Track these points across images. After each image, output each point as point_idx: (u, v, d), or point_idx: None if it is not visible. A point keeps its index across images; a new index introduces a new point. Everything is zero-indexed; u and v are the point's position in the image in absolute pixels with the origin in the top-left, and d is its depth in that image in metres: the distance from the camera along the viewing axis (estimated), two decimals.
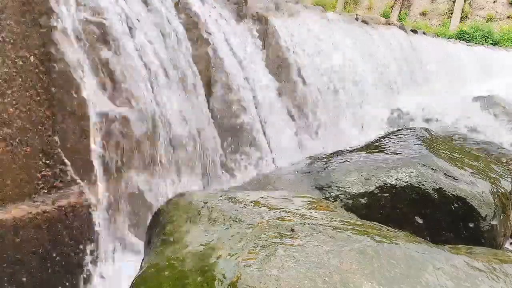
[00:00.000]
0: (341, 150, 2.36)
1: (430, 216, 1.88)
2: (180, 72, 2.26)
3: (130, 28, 2.04)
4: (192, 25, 2.51)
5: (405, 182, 1.92)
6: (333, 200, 1.92)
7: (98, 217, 1.87)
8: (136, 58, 2.02)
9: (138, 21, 2.10)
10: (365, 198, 1.91)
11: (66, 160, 1.82)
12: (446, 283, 1.12)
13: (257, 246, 1.24)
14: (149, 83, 2.06)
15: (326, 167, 2.13)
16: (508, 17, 17.22)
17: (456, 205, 1.86)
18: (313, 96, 3.45)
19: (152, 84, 2.08)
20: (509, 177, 2.14)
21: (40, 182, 1.76)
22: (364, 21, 5.25)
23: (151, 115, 2.03)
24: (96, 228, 1.87)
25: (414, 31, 6.88)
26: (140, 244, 1.91)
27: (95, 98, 1.88)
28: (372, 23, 5.44)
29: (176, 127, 2.16)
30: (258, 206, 1.54)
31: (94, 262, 1.87)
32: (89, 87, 1.86)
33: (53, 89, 1.78)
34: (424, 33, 7.38)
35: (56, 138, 1.79)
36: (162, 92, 2.10)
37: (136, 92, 1.99)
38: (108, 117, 1.92)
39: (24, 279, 1.67)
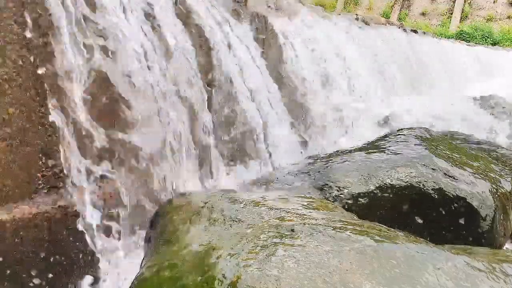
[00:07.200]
0: (341, 150, 2.36)
1: (430, 216, 1.88)
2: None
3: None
4: (191, 24, 2.51)
5: (405, 182, 1.92)
6: (333, 200, 1.92)
7: (99, 217, 1.87)
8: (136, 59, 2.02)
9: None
10: (365, 198, 1.91)
11: (66, 160, 1.82)
12: (446, 283, 1.12)
13: (257, 246, 1.24)
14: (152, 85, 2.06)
15: (326, 167, 2.13)
16: (508, 17, 17.21)
17: (456, 205, 1.86)
18: (313, 96, 3.45)
19: (154, 86, 2.08)
20: (509, 177, 2.14)
21: (40, 182, 1.76)
22: (364, 21, 5.25)
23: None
24: (97, 228, 1.87)
25: (414, 31, 6.88)
26: (141, 244, 1.92)
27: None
28: (372, 23, 5.44)
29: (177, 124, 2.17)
30: (258, 206, 1.54)
31: (95, 262, 1.87)
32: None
33: (53, 89, 1.77)
34: (424, 33, 7.38)
35: (56, 138, 1.79)
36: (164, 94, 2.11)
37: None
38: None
39: (24, 279, 1.67)
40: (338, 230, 1.29)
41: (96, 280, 1.87)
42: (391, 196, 1.92)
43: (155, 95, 2.03)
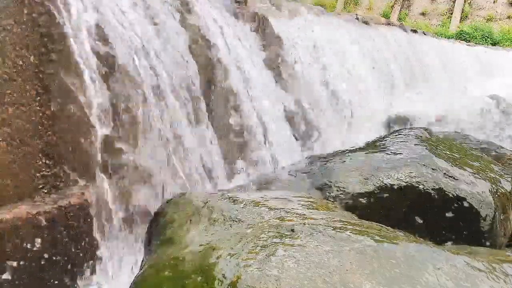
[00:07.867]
0: (341, 150, 2.36)
1: (430, 216, 1.88)
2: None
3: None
4: (192, 25, 2.51)
5: (405, 182, 1.92)
6: (333, 200, 1.92)
7: (98, 217, 1.87)
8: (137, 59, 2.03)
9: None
10: (365, 198, 1.91)
11: (66, 160, 1.82)
12: (446, 283, 1.12)
13: (257, 246, 1.24)
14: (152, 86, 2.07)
15: (326, 167, 2.13)
16: (508, 17, 17.19)
17: (456, 205, 1.86)
18: (313, 96, 3.45)
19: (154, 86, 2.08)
20: (509, 177, 2.14)
21: (40, 182, 1.76)
22: (364, 21, 5.25)
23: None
24: (96, 228, 1.87)
25: (414, 31, 6.88)
26: (140, 244, 1.91)
27: (96, 99, 1.87)
28: (372, 23, 5.44)
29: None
30: (258, 206, 1.54)
31: (95, 262, 1.87)
32: (90, 87, 1.85)
33: (53, 89, 1.78)
34: (424, 33, 7.38)
35: (56, 138, 1.79)
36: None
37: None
38: (110, 119, 1.92)
39: (24, 279, 1.67)
40: (338, 230, 1.29)
41: (96, 280, 1.87)
42: (391, 196, 1.91)
43: None
